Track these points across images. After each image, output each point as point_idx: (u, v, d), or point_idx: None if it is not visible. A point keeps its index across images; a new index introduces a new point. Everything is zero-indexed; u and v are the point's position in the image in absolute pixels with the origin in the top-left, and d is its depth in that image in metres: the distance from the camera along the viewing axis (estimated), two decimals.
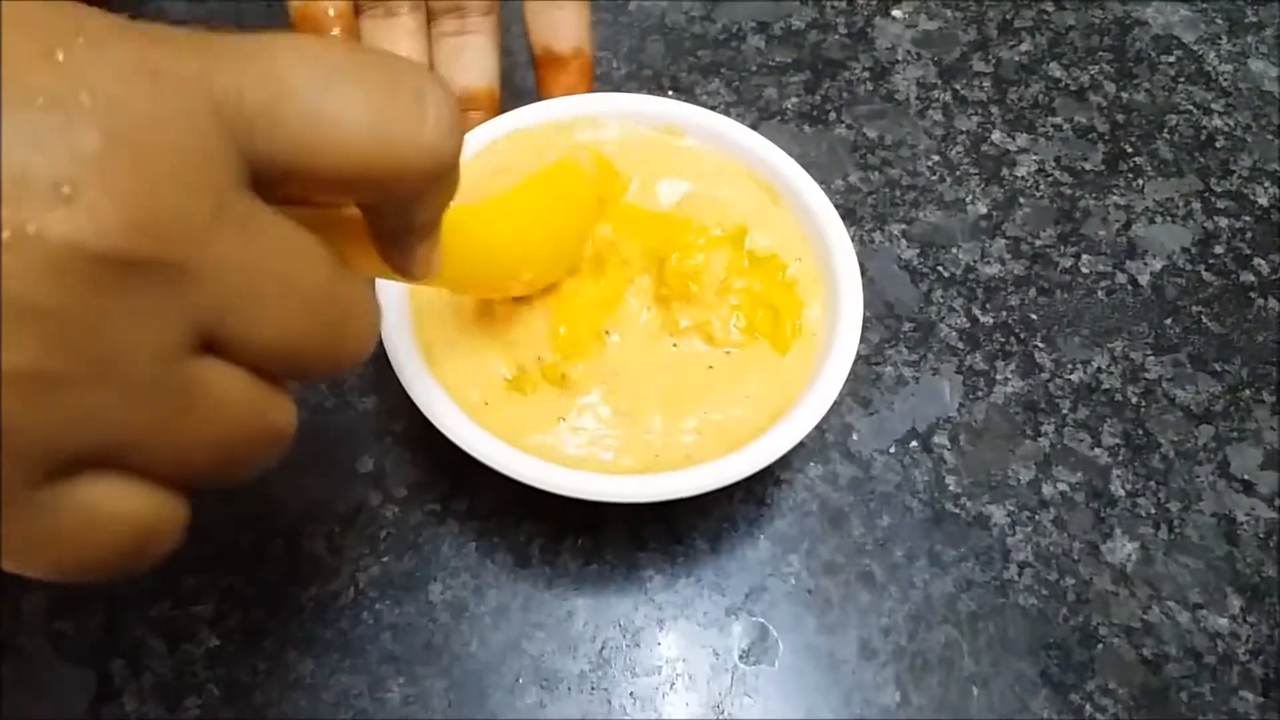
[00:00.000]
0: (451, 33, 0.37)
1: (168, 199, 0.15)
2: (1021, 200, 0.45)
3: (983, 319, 0.41)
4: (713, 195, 0.35)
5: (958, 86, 0.49)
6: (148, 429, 0.16)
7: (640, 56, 0.48)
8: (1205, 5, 0.53)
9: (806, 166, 0.35)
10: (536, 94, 0.38)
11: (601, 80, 0.47)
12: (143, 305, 0.15)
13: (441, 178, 0.19)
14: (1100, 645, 0.33)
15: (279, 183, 0.17)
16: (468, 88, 0.37)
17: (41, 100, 0.14)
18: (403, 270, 0.22)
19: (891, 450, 0.37)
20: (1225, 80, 0.50)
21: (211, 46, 0.16)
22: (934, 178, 0.45)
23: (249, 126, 0.16)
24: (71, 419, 0.15)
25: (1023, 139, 0.47)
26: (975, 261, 0.42)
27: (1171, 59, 0.51)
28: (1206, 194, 0.46)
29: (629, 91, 0.41)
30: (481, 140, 0.35)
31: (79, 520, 0.16)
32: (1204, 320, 0.41)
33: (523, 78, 0.39)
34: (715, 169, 0.36)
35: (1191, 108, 0.49)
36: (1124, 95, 0.49)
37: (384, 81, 0.18)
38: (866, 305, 0.40)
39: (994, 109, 0.48)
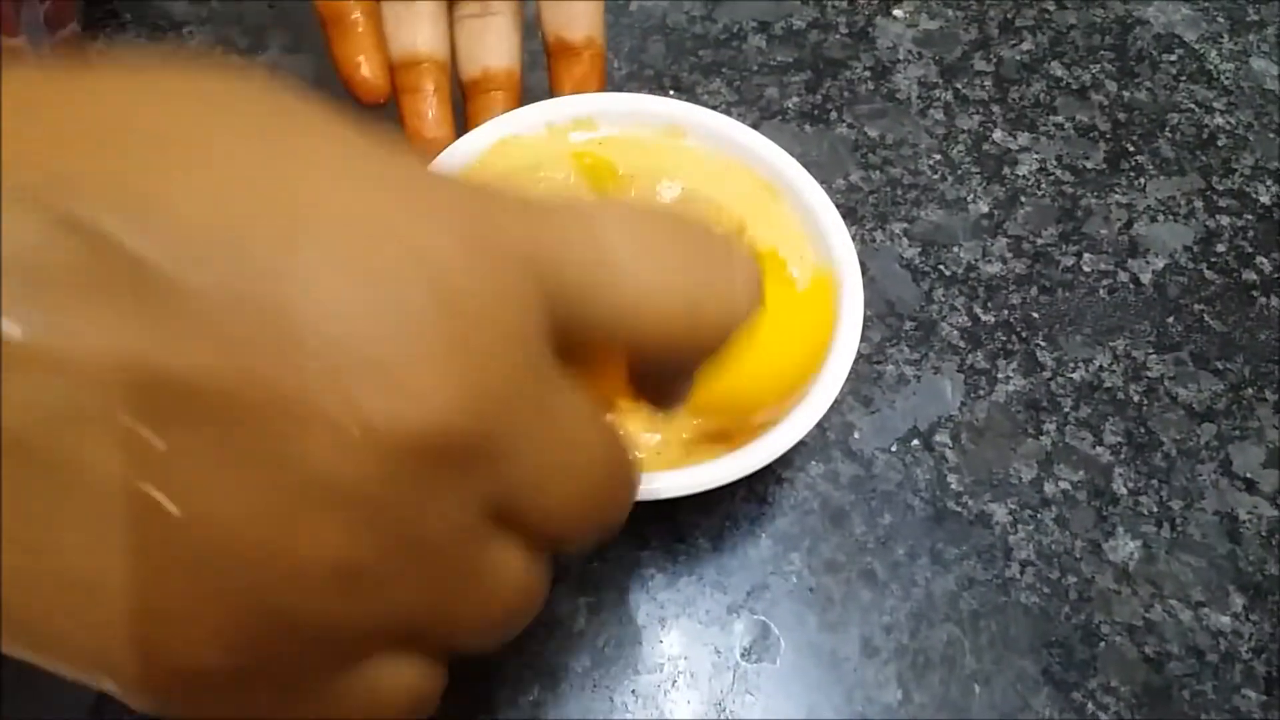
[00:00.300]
0: (473, 15, 0.37)
1: (495, 379, 0.14)
2: (1023, 199, 0.45)
3: (984, 317, 0.41)
4: (714, 195, 0.35)
5: (959, 85, 0.49)
6: (437, 610, 0.15)
7: (641, 56, 0.48)
8: (1207, 4, 0.53)
9: (808, 166, 0.35)
10: (548, 89, 0.38)
11: None
12: (452, 485, 0.14)
13: (730, 343, 0.19)
14: (1102, 643, 0.33)
15: (578, 348, 0.17)
16: (488, 68, 0.37)
17: (371, 272, 0.13)
18: (658, 406, 0.22)
19: (893, 449, 0.37)
20: (1227, 79, 0.50)
21: (531, 210, 0.16)
22: (935, 177, 0.45)
23: (567, 297, 0.16)
24: (372, 609, 0.14)
25: (1024, 138, 0.47)
26: (977, 260, 0.42)
27: (1173, 58, 0.51)
28: (1208, 192, 0.46)
29: (630, 91, 0.42)
30: (484, 141, 0.35)
31: (362, 701, 0.15)
32: (1206, 318, 0.41)
33: (529, 79, 0.39)
34: (716, 169, 0.36)
35: (1193, 106, 0.49)
36: (1125, 94, 0.49)
37: (698, 251, 0.18)
38: (868, 304, 0.40)
39: (995, 108, 0.48)
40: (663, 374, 0.20)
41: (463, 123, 0.37)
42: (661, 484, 0.29)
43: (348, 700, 0.15)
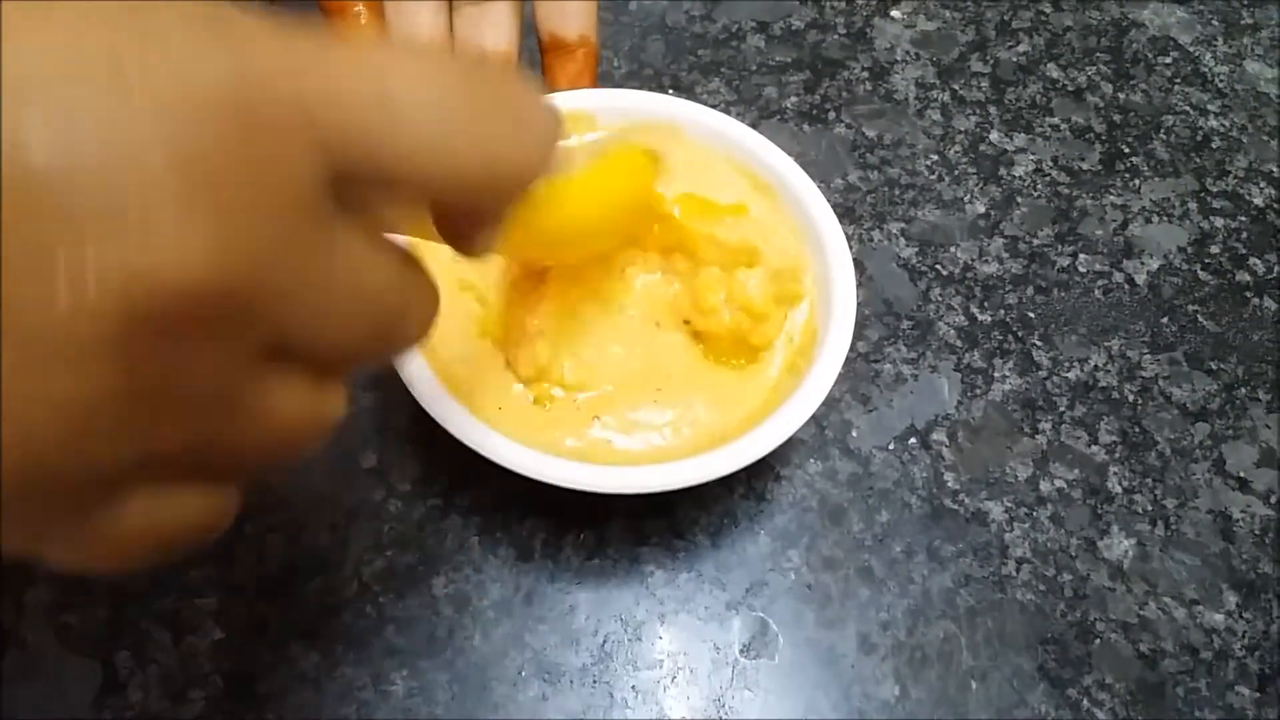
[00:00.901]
0: (472, 3, 0.38)
1: (251, 234, 0.14)
2: (1019, 200, 0.45)
3: (981, 317, 0.41)
4: (710, 193, 0.36)
5: (956, 86, 0.49)
6: (207, 438, 0.16)
7: (641, 55, 0.48)
8: (1201, 7, 0.53)
9: (806, 165, 0.35)
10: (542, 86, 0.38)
11: (602, 79, 0.47)
12: (212, 332, 0.14)
13: (526, 188, 0.19)
14: (1097, 640, 0.34)
15: (360, 188, 0.16)
16: (484, 49, 0.38)
17: (122, 120, 0.13)
18: (461, 250, 0.21)
19: (890, 447, 0.37)
20: (1221, 81, 0.50)
21: (305, 46, 0.15)
22: (932, 177, 0.45)
23: (341, 134, 0.15)
24: (134, 441, 0.15)
25: (1020, 139, 0.47)
26: (973, 260, 0.43)
27: (1168, 60, 0.51)
28: (1202, 194, 0.46)
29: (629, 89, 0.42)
30: None
31: (135, 526, 0.16)
32: (1200, 319, 0.42)
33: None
34: (713, 167, 0.36)
35: (1188, 108, 0.49)
36: (1121, 96, 0.49)
37: (489, 96, 0.17)
38: (866, 303, 0.40)
39: (992, 109, 0.48)
40: (462, 220, 0.20)
41: None
42: (656, 478, 0.29)
43: (117, 525, 0.16)
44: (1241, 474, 0.38)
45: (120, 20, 0.13)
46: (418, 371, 0.30)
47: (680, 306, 0.33)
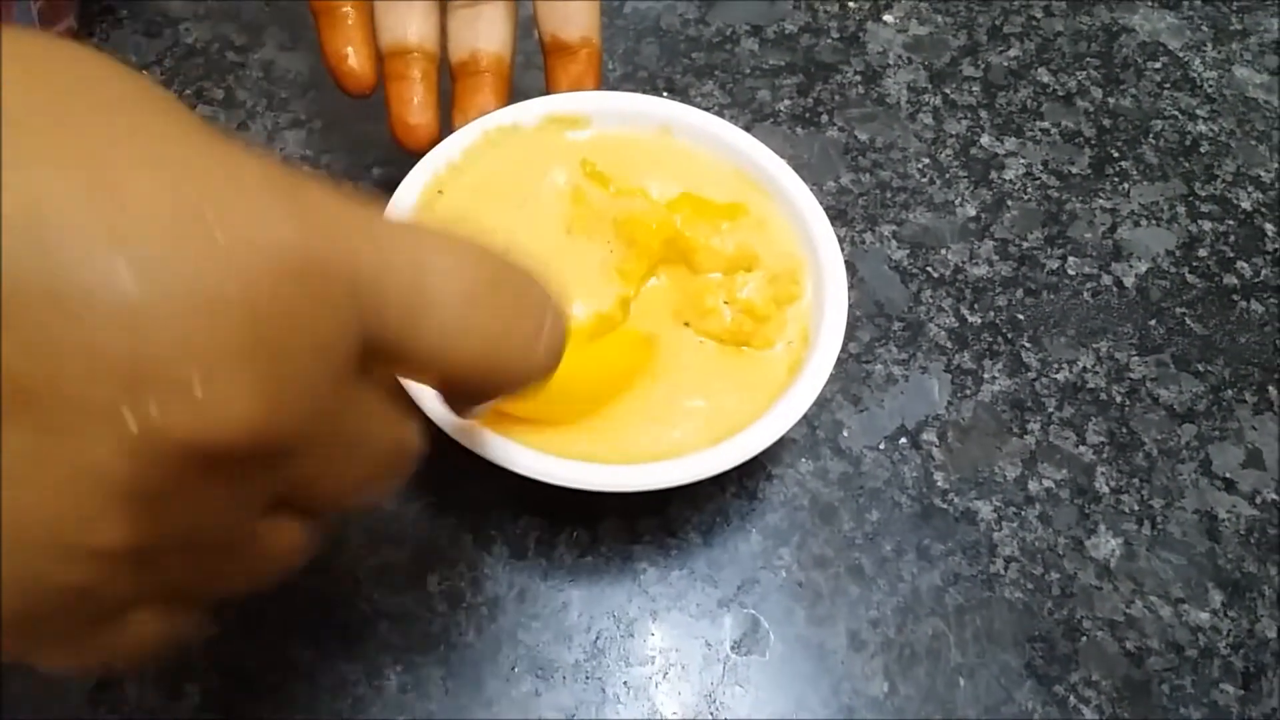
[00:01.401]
0: (465, 5, 0.38)
1: (294, 395, 0.15)
2: (1009, 203, 0.45)
3: (971, 319, 0.41)
4: (703, 195, 0.36)
5: (948, 90, 0.49)
6: (204, 577, 0.17)
7: (635, 58, 0.49)
8: (1191, 13, 0.54)
9: (798, 168, 0.36)
10: (544, 88, 0.39)
11: None
12: (237, 486, 0.15)
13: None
14: (1084, 638, 0.34)
15: (383, 362, 0.17)
16: (477, 50, 0.38)
17: (185, 282, 0.13)
18: (457, 414, 0.23)
19: (881, 447, 0.38)
20: (1210, 86, 0.51)
21: (363, 224, 0.16)
22: (924, 180, 0.46)
23: (379, 314, 0.16)
24: (146, 583, 0.16)
25: (1011, 143, 0.48)
26: (964, 262, 0.43)
27: (1157, 65, 0.52)
28: (1191, 198, 0.46)
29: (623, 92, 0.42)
30: (471, 136, 0.36)
31: (117, 646, 0.17)
32: (1187, 322, 0.42)
33: (525, 80, 0.40)
34: (706, 169, 0.37)
35: (1177, 113, 0.50)
36: (1110, 100, 0.50)
37: (514, 304, 0.19)
38: (857, 305, 0.41)
39: (983, 113, 0.49)
40: (463, 396, 0.21)
41: (450, 112, 0.38)
42: (649, 477, 0.29)
43: (105, 645, 0.17)
44: (1227, 475, 0.38)
45: (209, 173, 0.14)
46: None
47: (681, 309, 0.34)
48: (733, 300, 0.33)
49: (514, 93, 0.39)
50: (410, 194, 0.34)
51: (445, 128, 0.37)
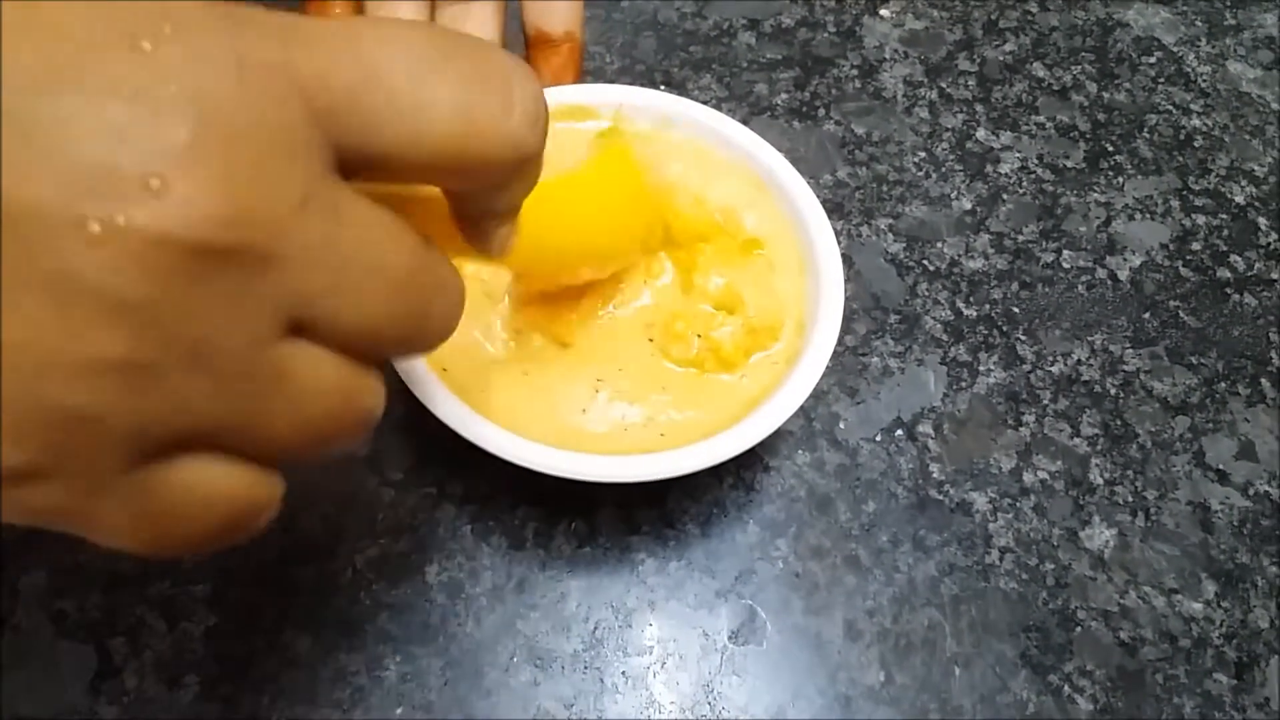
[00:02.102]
0: (455, 1, 0.38)
1: (257, 189, 0.15)
2: (1005, 196, 0.46)
3: (966, 312, 0.42)
4: (702, 188, 0.36)
5: (944, 85, 0.49)
6: (240, 412, 0.16)
7: (633, 52, 0.49)
8: (1185, 8, 0.54)
9: (795, 162, 0.36)
10: None
11: (595, 75, 0.48)
12: (232, 293, 0.15)
13: (525, 166, 0.20)
14: (1078, 628, 0.34)
15: (364, 168, 0.17)
16: None
17: (127, 91, 0.14)
18: (481, 249, 0.22)
19: (877, 438, 0.38)
20: (1204, 81, 0.51)
21: (297, 30, 0.16)
22: (920, 174, 0.46)
23: (335, 113, 0.16)
24: (163, 405, 0.15)
25: (1006, 136, 0.48)
26: (960, 256, 0.43)
27: (1152, 60, 0.52)
28: (1185, 192, 0.47)
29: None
30: None
31: (178, 499, 0.16)
32: (1181, 315, 0.43)
33: None
34: (704, 162, 0.37)
35: (1171, 108, 0.50)
36: (1105, 95, 0.50)
37: (472, 70, 0.18)
38: (854, 298, 0.41)
39: (979, 107, 0.49)
40: (466, 206, 0.21)
41: None
42: (645, 467, 0.29)
43: (161, 496, 0.16)
44: (1221, 466, 0.38)
45: (130, 11, 0.15)
46: (410, 360, 0.30)
47: (653, 324, 0.34)
48: (705, 337, 0.33)
49: None
50: None
51: None
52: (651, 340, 0.33)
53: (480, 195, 0.20)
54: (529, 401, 0.31)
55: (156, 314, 0.14)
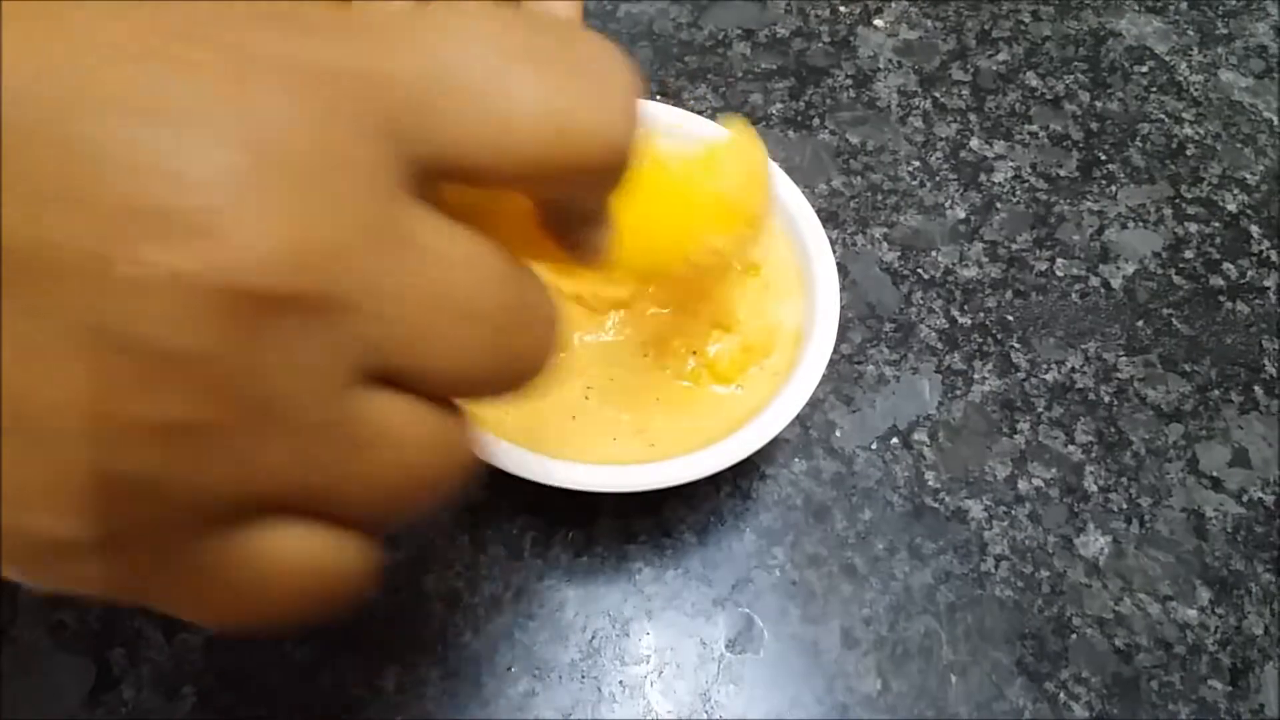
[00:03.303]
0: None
1: (323, 223, 0.13)
2: (999, 205, 0.46)
3: (961, 320, 0.42)
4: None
5: (937, 94, 0.50)
6: (318, 473, 0.14)
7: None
8: (1177, 17, 0.54)
9: (790, 171, 0.36)
10: None
11: None
12: (300, 344, 0.13)
13: (623, 165, 0.17)
14: (1074, 635, 0.35)
15: (442, 178, 0.15)
16: None
17: (167, 111, 0.12)
18: (579, 257, 0.20)
19: (873, 446, 0.38)
20: (1196, 90, 0.51)
21: (355, 26, 0.14)
22: (914, 183, 0.46)
23: (404, 120, 0.14)
24: (231, 470, 0.13)
25: (1000, 146, 0.48)
26: (954, 264, 0.44)
27: (1144, 69, 0.52)
28: (1177, 200, 0.47)
29: None
30: None
31: (254, 570, 0.15)
32: (1174, 323, 0.43)
33: None
34: None
35: (1163, 117, 0.50)
36: (1098, 104, 0.50)
37: (560, 61, 0.16)
38: (849, 306, 0.41)
39: (972, 116, 0.49)
40: (566, 213, 0.19)
41: None
42: (643, 477, 0.29)
43: (233, 565, 0.14)
44: (1214, 473, 0.39)
45: (165, 15, 0.13)
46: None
47: (649, 342, 0.34)
48: (700, 353, 0.33)
49: None
50: None
51: None
52: (646, 356, 0.33)
53: (572, 199, 0.18)
54: (516, 407, 0.32)
55: (214, 370, 0.13)
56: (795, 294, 0.34)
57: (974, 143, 0.48)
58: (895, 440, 0.38)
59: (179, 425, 0.13)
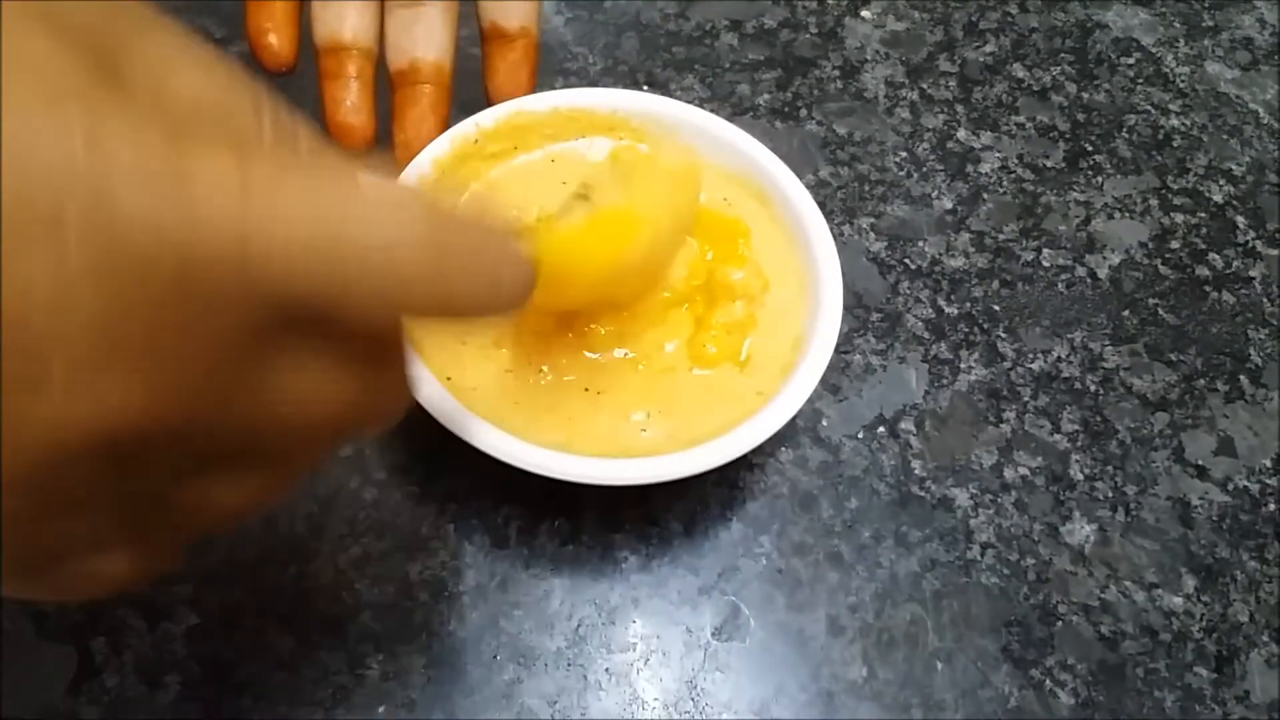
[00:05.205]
0: (404, 5, 0.37)
1: (180, 377, 0.14)
2: (985, 196, 0.46)
3: (948, 310, 0.42)
4: (707, 203, 0.36)
5: (925, 85, 0.50)
6: (150, 526, 0.17)
7: (616, 53, 0.49)
8: (1164, 9, 0.55)
9: None
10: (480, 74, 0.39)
11: (578, 76, 0.48)
12: (140, 464, 0.15)
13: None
14: (1059, 623, 0.35)
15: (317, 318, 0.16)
16: (416, 59, 0.37)
17: (39, 281, 0.12)
18: (485, 326, 0.23)
19: (860, 435, 0.38)
20: (1182, 82, 0.51)
21: (259, 182, 0.14)
22: (901, 173, 0.46)
23: (292, 288, 0.14)
24: (75, 533, 0.16)
25: (987, 137, 0.48)
26: (941, 254, 0.44)
27: (1131, 61, 0.52)
28: (1163, 191, 0.47)
29: (603, 87, 0.42)
30: (466, 132, 0.36)
31: (92, 577, 0.17)
32: (1160, 312, 0.43)
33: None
34: (706, 173, 0.36)
35: (1150, 108, 0.50)
36: (1085, 95, 0.50)
37: (455, 250, 0.16)
38: None
39: (959, 107, 0.49)
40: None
41: (388, 113, 0.38)
42: (639, 471, 0.29)
43: (75, 575, 0.17)
44: (1200, 462, 0.39)
45: (71, 169, 0.12)
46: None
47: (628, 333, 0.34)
48: (693, 341, 0.33)
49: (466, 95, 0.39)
50: None
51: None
52: (641, 369, 0.33)
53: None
54: (515, 400, 0.31)
55: (52, 494, 0.14)
56: (799, 303, 0.34)
57: (961, 133, 0.48)
58: (882, 429, 0.38)
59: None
